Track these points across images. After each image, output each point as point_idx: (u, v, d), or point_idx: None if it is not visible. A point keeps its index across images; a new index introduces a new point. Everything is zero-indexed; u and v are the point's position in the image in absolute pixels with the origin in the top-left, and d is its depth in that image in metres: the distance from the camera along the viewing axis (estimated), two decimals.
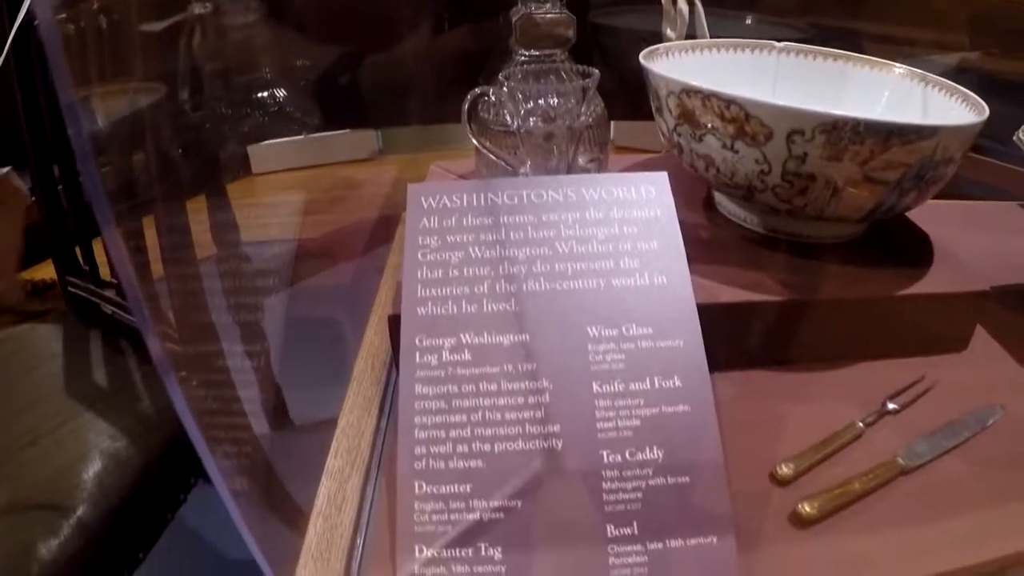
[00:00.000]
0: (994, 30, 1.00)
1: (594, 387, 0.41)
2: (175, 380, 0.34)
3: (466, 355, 0.42)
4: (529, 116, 0.53)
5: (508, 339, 0.42)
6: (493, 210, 0.47)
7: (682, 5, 0.72)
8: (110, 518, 0.66)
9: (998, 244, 0.70)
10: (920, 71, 0.64)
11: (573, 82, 0.57)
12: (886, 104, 0.65)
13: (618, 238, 0.46)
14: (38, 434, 0.71)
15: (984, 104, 0.56)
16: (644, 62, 0.61)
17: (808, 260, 0.57)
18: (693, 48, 0.69)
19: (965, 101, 0.58)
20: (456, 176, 0.72)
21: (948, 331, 0.56)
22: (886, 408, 0.50)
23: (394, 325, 0.49)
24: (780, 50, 0.70)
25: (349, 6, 1.07)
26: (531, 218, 0.46)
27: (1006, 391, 0.52)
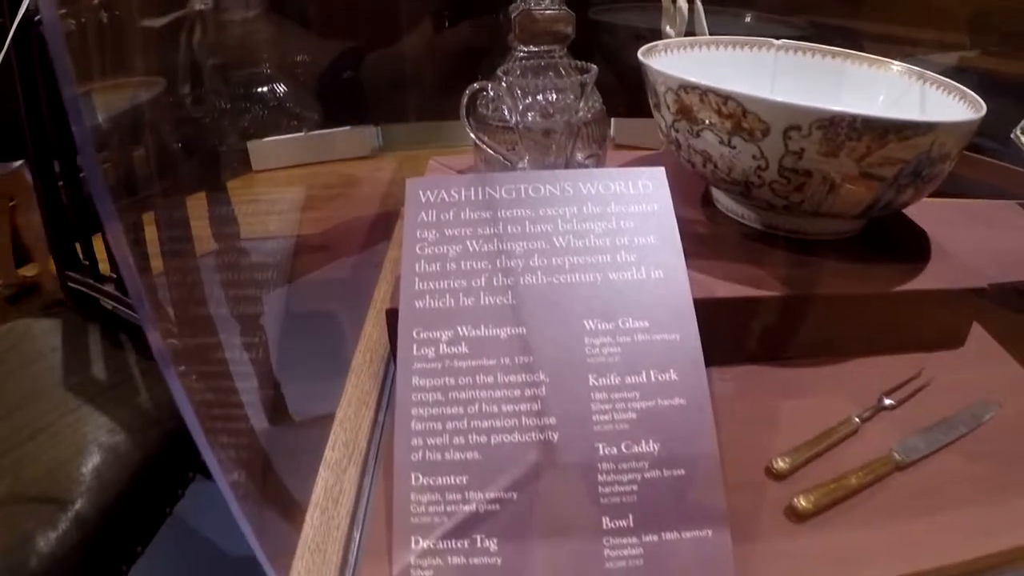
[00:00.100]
0: (993, 29, 1.00)
1: (590, 380, 0.41)
2: (175, 374, 0.34)
3: (463, 348, 0.42)
4: (527, 112, 0.53)
5: (505, 332, 0.42)
6: (491, 204, 0.47)
7: (681, 2, 0.73)
8: (108, 512, 0.66)
9: (995, 241, 0.70)
10: (918, 69, 0.64)
11: (571, 78, 0.57)
12: (884, 101, 0.65)
13: (615, 232, 0.46)
14: (37, 428, 0.71)
15: (981, 101, 0.56)
16: (643, 58, 0.61)
17: (805, 256, 0.58)
18: (692, 45, 0.70)
19: (963, 98, 0.58)
20: (454, 171, 0.72)
21: (945, 328, 0.57)
22: (882, 404, 0.51)
23: (392, 319, 0.49)
24: (779, 47, 0.70)
25: (350, 3, 1.07)
26: (529, 212, 0.46)
27: (1002, 388, 0.52)
